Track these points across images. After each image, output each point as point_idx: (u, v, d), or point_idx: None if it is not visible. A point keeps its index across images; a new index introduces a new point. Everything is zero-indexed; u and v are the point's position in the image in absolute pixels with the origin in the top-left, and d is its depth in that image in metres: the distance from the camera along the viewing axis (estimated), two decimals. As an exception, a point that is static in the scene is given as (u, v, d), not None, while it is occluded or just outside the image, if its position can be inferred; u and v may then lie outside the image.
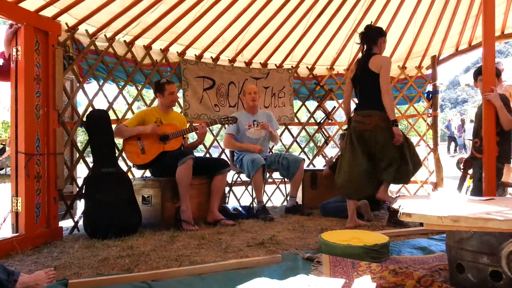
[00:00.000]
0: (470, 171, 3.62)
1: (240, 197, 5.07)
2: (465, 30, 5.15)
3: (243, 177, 4.67)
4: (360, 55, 3.55)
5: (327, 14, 4.85)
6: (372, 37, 3.24)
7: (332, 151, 6.07)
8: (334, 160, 4.55)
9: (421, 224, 2.06)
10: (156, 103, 4.23)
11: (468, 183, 3.70)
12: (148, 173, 4.09)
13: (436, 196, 2.43)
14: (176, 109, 4.42)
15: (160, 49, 4.61)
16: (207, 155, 4.97)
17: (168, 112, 3.92)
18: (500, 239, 1.84)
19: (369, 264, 2.25)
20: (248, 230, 3.41)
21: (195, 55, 4.88)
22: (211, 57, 5.00)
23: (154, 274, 2.12)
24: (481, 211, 1.87)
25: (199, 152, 7.42)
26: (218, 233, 3.27)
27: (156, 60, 4.57)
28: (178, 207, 3.53)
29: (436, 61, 5.41)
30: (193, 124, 4.11)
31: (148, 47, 4.47)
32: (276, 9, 4.58)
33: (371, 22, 3.83)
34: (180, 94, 4.70)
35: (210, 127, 4.43)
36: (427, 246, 2.75)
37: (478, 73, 3.42)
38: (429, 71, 5.50)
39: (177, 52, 4.74)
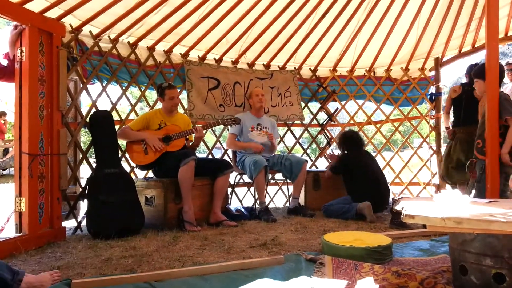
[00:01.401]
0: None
1: (242, 198, 5.07)
2: (468, 32, 5.15)
3: (246, 178, 4.68)
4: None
5: (331, 15, 4.86)
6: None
7: (334, 152, 6.06)
8: (335, 160, 4.54)
9: (424, 226, 2.07)
10: (160, 104, 4.24)
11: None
12: (151, 174, 4.10)
13: (439, 198, 2.43)
14: (180, 109, 4.42)
15: (164, 50, 4.62)
16: (210, 156, 4.97)
17: (171, 115, 3.93)
18: (504, 241, 1.84)
19: (371, 266, 2.25)
20: (251, 231, 3.41)
21: (198, 56, 4.89)
22: (214, 58, 5.01)
23: (157, 274, 2.13)
24: (484, 213, 1.87)
25: (201, 153, 7.43)
26: (221, 234, 3.27)
27: (160, 61, 4.58)
28: (181, 208, 3.54)
29: (439, 63, 5.40)
30: (196, 125, 4.12)
31: (151, 48, 4.48)
32: (279, 10, 4.59)
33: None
34: (184, 95, 4.72)
35: (213, 128, 4.43)
36: (430, 248, 2.74)
37: (476, 75, 3.41)
38: (432, 73, 5.50)
39: (180, 53, 4.75)
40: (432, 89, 5.49)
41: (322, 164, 5.85)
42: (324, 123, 5.68)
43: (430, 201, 2.64)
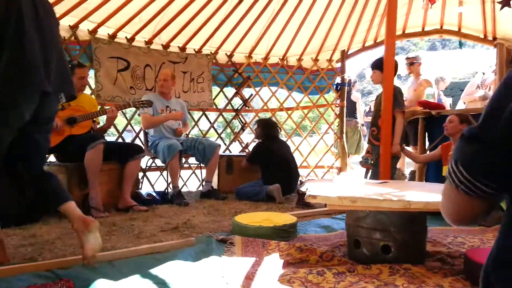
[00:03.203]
0: None
1: (154, 183, 4.97)
2: (371, 28, 5.59)
3: (158, 162, 4.59)
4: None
5: (247, 2, 4.92)
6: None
7: (248, 137, 6.21)
8: (251, 152, 4.69)
9: (325, 205, 2.25)
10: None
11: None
12: (53, 158, 3.82)
13: (339, 179, 2.66)
14: (87, 90, 4.16)
15: (69, 25, 4.29)
16: (120, 140, 4.78)
17: (78, 95, 3.67)
18: (391, 217, 2.08)
19: (278, 243, 2.39)
20: (162, 215, 3.38)
21: (108, 34, 4.63)
22: (126, 37, 4.78)
23: (60, 262, 2.02)
24: (375, 193, 2.10)
25: (110, 136, 7.09)
26: (130, 219, 3.19)
27: (64, 37, 4.24)
28: (87, 194, 3.37)
29: (345, 55, 5.80)
30: (105, 107, 3.91)
31: (54, 22, 4.12)
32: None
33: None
34: (91, 74, 4.44)
35: (123, 111, 4.26)
36: (330, 225, 3.00)
37: (375, 66, 3.73)
38: (339, 64, 5.88)
39: (88, 29, 4.44)
40: (338, 80, 5.89)
41: (236, 149, 5.97)
42: (239, 108, 5.78)
43: (331, 182, 2.88)
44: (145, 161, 4.44)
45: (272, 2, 5.03)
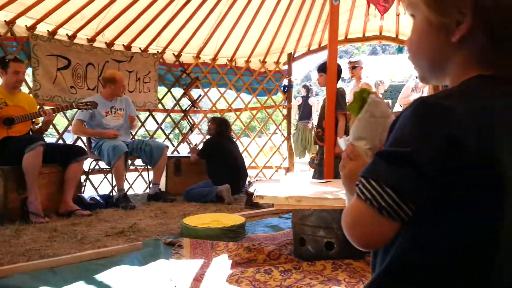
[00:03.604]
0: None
1: (98, 186, 4.79)
2: (316, 33, 5.79)
3: (102, 164, 4.44)
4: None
5: (194, 3, 4.88)
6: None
7: (197, 137, 6.18)
8: (198, 148, 4.69)
9: (273, 205, 2.31)
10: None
11: None
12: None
13: (285, 179, 2.74)
14: (25, 89, 3.94)
15: (5, 20, 4.02)
16: (60, 141, 4.56)
17: (14, 92, 3.46)
18: (334, 215, 2.19)
19: (226, 244, 2.42)
20: (107, 219, 3.28)
21: (48, 30, 4.39)
22: (67, 34, 4.56)
23: (-4, 271, 1.91)
24: (319, 192, 2.19)
25: (50, 137, 6.73)
26: (73, 225, 3.07)
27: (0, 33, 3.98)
28: (25, 198, 3.19)
29: (291, 58, 5.95)
30: (44, 108, 3.72)
31: (-13, 17, 3.86)
32: (141, -10, 4.42)
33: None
34: (29, 72, 4.20)
35: (65, 112, 4.07)
36: (278, 224, 3.08)
37: (321, 69, 3.87)
38: (286, 67, 6.02)
39: (26, 26, 4.18)
40: (285, 82, 6.03)
41: (184, 150, 5.92)
42: (187, 109, 5.73)
43: (278, 182, 2.95)
44: (87, 163, 4.28)
45: (220, 4, 5.04)
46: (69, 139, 5.26)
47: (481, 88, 0.63)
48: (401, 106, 6.14)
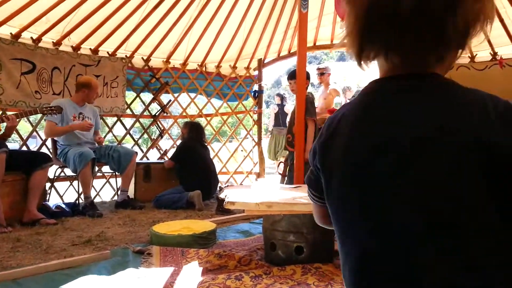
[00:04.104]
0: None
1: (63, 194, 4.65)
2: (285, 39, 5.87)
3: (68, 171, 4.32)
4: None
5: (164, 6, 4.84)
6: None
7: (167, 143, 6.11)
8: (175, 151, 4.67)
9: (244, 211, 2.32)
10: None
11: None
12: None
13: (256, 185, 2.76)
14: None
15: (-37, 22, 3.86)
16: (24, 148, 4.40)
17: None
18: (304, 220, 2.22)
19: (197, 251, 2.41)
20: (73, 228, 3.19)
21: (11, 33, 4.23)
22: (32, 37, 4.42)
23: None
24: (289, 197, 2.22)
25: (12, 143, 6.48)
26: (37, 234, 2.96)
27: (-43, 35, 3.81)
28: (-14, 208, 3.06)
29: (262, 64, 6.00)
30: (7, 113, 3.58)
31: None
32: (109, -6, 4.35)
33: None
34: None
35: (29, 117, 3.94)
36: (248, 230, 3.09)
37: (291, 77, 3.94)
38: (256, 72, 6.07)
39: (-14, 28, 4.04)
40: (256, 87, 6.08)
41: (154, 156, 5.83)
42: (157, 114, 5.66)
43: (249, 188, 2.97)
44: (53, 171, 4.15)
45: (190, 8, 5.03)
46: (33, 145, 5.09)
47: (362, 93, 0.70)
48: None
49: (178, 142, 5.11)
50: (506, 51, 4.78)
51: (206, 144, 4.85)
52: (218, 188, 4.64)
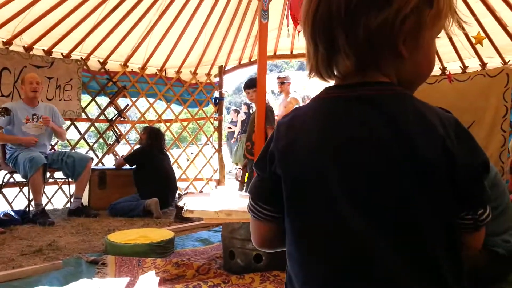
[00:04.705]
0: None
1: (12, 200, 4.40)
2: (246, 47, 5.92)
3: (17, 176, 4.11)
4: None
5: (122, 10, 4.74)
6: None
7: (124, 148, 5.96)
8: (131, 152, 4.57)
9: (203, 219, 2.31)
10: None
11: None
12: None
13: (216, 193, 2.76)
14: None
15: None
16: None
17: None
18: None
19: (154, 260, 2.37)
20: (23, 237, 3.04)
21: (-45, 31, 4.00)
22: (-21, 36, 4.19)
23: None
24: (249, 205, 2.24)
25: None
26: (-18, 244, 2.80)
27: None
28: None
29: (222, 71, 6.02)
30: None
31: None
32: (65, -6, 4.21)
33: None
34: None
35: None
36: (208, 238, 3.08)
37: (248, 86, 3.99)
38: (217, 79, 6.07)
39: None
40: (216, 94, 6.08)
41: (110, 162, 5.67)
42: (113, 118, 5.51)
43: (208, 196, 2.96)
44: (1, 176, 3.93)
45: (150, 12, 4.96)
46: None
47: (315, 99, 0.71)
48: None
49: (137, 147, 4.99)
50: (454, 67, 5.10)
51: (165, 151, 4.77)
52: (177, 196, 4.58)
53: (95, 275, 2.22)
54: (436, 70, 5.31)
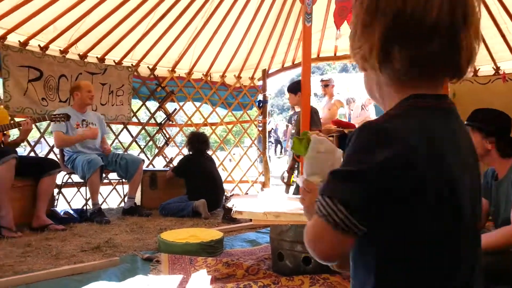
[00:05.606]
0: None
1: (71, 200, 4.69)
2: (289, 50, 5.95)
3: (75, 177, 4.37)
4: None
5: (170, 18, 4.93)
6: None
7: (172, 151, 6.16)
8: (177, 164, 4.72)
9: (251, 220, 2.36)
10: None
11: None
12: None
13: (263, 195, 2.81)
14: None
15: (-26, 30, 3.94)
16: (32, 154, 4.45)
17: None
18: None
19: (205, 259, 2.45)
20: (82, 234, 3.23)
21: (19, 41, 4.31)
22: (39, 45, 4.49)
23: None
24: (297, 208, 2.26)
25: (20, 148, 6.53)
26: (47, 239, 3.01)
27: (-33, 42, 3.89)
28: (-4, 213, 3.10)
29: (266, 74, 6.08)
30: (15, 119, 3.64)
31: (-44, 27, 3.76)
32: (117, 3, 4.42)
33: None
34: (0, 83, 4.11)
35: (38, 124, 4.00)
36: (255, 239, 3.12)
37: (292, 90, 4.01)
38: (260, 82, 6.14)
39: (-5, 36, 4.11)
40: (260, 97, 6.14)
41: (160, 163, 5.89)
42: (162, 122, 5.72)
43: (256, 198, 3.01)
44: (60, 177, 4.20)
45: (196, 19, 5.11)
46: (39, 150, 5.14)
47: (417, 108, 0.71)
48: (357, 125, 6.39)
49: (184, 150, 5.14)
50: (508, 66, 4.86)
51: (210, 155, 4.87)
52: (223, 197, 4.68)
53: (150, 272, 2.32)
54: (489, 70, 5.08)
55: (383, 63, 0.70)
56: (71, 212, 3.91)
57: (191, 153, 4.66)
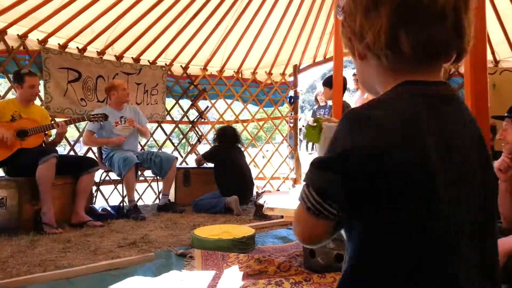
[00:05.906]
0: None
1: (108, 197, 4.86)
2: (321, 45, 5.87)
3: (112, 175, 4.51)
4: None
5: (202, 16, 4.99)
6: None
7: (205, 148, 6.24)
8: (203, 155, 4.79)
9: (282, 216, 2.36)
10: (11, 94, 3.80)
11: None
12: (1, 173, 3.65)
13: (294, 191, 2.80)
14: (37, 102, 4.03)
15: (18, 34, 4.13)
16: (72, 153, 4.64)
17: (28, 105, 3.56)
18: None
19: (237, 255, 2.47)
20: (119, 230, 3.34)
21: (59, 44, 4.50)
22: (77, 47, 4.68)
23: (15, 281, 1.97)
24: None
25: (59, 147, 6.82)
26: (86, 235, 3.13)
27: (12, 46, 4.09)
28: (38, 209, 3.26)
29: (297, 70, 6.02)
30: (56, 120, 3.80)
31: (2, 32, 3.96)
32: (151, 5, 4.53)
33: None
34: (41, 84, 4.30)
35: (77, 124, 4.16)
36: (287, 236, 3.11)
37: (328, 83, 3.95)
38: (291, 78, 6.10)
39: (37, 39, 4.30)
40: (291, 93, 6.10)
41: (192, 161, 5.98)
42: (195, 120, 5.81)
43: (287, 194, 3.00)
44: (98, 175, 4.35)
45: (227, 17, 5.14)
46: (78, 148, 5.35)
47: (406, 94, 0.68)
48: None
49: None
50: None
51: (240, 148, 4.89)
52: (254, 193, 4.70)
53: (184, 268, 2.37)
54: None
55: (391, 48, 0.67)
56: (109, 208, 4.05)
57: (218, 144, 4.72)
